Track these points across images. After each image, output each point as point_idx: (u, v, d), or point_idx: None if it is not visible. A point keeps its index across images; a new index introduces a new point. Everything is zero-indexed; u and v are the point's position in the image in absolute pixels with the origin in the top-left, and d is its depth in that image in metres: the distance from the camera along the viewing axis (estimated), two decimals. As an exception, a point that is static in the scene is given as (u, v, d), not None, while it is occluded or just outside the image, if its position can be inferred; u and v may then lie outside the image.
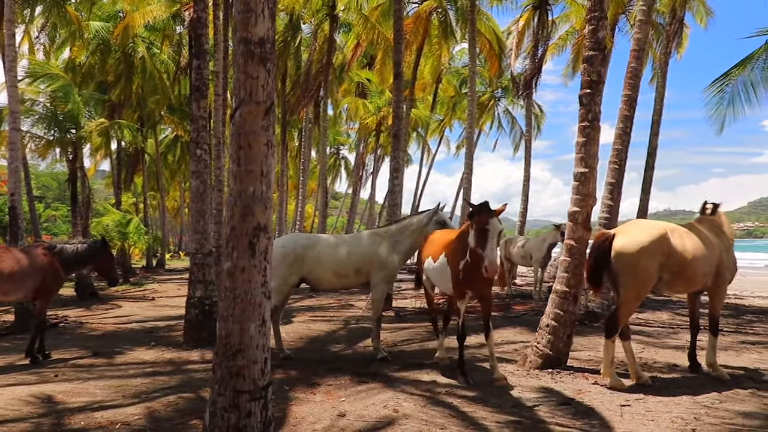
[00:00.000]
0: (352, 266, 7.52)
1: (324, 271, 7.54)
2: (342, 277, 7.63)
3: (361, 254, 7.58)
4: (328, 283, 7.66)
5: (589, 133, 7.04)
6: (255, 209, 3.18)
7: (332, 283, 7.72)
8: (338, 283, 7.76)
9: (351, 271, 7.54)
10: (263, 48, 3.18)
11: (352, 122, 37.17)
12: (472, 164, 17.99)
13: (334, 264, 7.53)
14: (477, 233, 5.74)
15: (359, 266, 7.54)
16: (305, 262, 7.48)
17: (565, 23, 23.43)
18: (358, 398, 5.74)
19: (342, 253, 7.58)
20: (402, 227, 7.82)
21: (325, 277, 7.56)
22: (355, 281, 7.77)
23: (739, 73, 11.51)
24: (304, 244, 7.56)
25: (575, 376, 6.56)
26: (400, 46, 13.31)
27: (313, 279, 7.58)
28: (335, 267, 7.53)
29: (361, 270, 7.56)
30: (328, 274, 7.56)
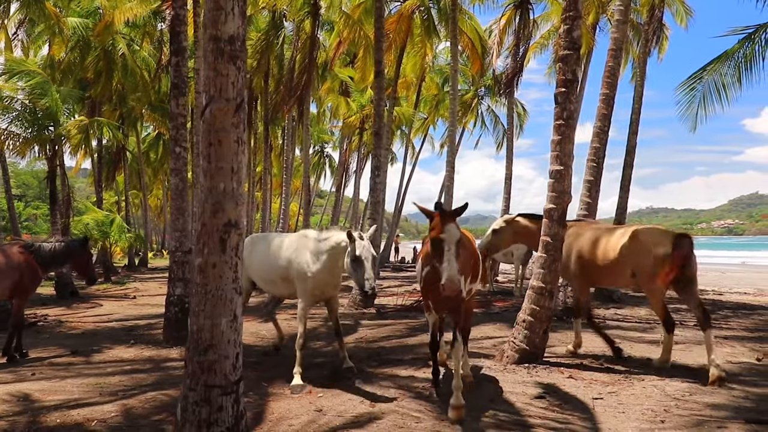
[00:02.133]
0: (277, 273, 6.63)
1: (257, 277, 7.05)
2: (272, 284, 6.92)
3: (284, 259, 6.54)
4: (269, 290, 7.10)
5: (564, 132, 7.13)
6: (226, 206, 3.21)
7: (271, 291, 7.15)
8: (276, 291, 7.06)
9: (278, 279, 6.65)
10: (233, 46, 3.21)
11: (336, 120, 37.19)
12: (455, 163, 18.09)
13: (262, 269, 6.91)
14: (432, 244, 4.77)
15: (284, 274, 6.53)
16: (249, 264, 6.94)
17: (547, 22, 23.59)
18: (336, 394, 5.79)
19: (271, 257, 6.70)
20: (328, 240, 6.22)
21: (261, 283, 7.04)
22: (285, 291, 6.84)
23: (711, 72, 11.69)
24: (248, 243, 7.01)
25: (551, 371, 6.66)
26: (381, 45, 13.35)
27: (258, 284, 7.12)
28: (263, 272, 6.91)
29: (287, 278, 6.53)
30: (260, 281, 7.06)
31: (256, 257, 6.94)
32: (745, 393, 5.71)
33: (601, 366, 6.94)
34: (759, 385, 6.01)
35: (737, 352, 7.92)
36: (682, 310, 12.91)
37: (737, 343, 8.51)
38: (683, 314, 12.12)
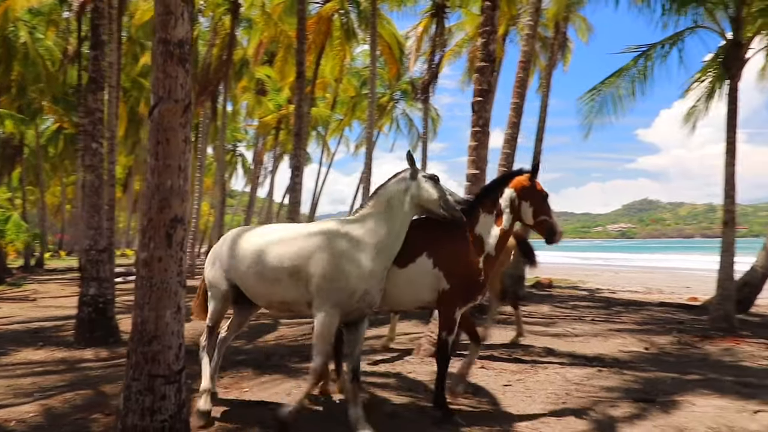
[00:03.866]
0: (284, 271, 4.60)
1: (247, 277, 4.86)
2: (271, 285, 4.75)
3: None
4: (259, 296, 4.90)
5: (480, 138, 7.64)
6: (172, 202, 3.34)
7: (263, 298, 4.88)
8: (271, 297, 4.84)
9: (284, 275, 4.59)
10: (182, 49, 3.35)
11: (251, 119, 36.71)
12: (372, 164, 18.48)
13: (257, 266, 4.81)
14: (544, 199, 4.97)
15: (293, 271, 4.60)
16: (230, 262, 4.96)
17: (461, 31, 24.58)
18: (261, 388, 5.93)
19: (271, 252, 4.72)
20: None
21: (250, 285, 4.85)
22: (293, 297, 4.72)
23: (609, 86, 12.77)
24: (230, 238, 5.11)
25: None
26: (303, 46, 13.49)
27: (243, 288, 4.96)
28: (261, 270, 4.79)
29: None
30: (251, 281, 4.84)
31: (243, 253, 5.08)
32: (635, 377, 6.40)
33: (510, 356, 7.49)
34: (646, 370, 6.74)
35: (628, 342, 8.75)
36: (581, 306, 13.96)
37: (628, 335, 9.38)
38: (581, 310, 13.13)
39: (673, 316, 12.41)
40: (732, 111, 11.00)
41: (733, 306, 10.70)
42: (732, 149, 10.91)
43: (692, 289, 20.19)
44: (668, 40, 12.07)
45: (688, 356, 7.80)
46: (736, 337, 9.25)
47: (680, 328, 10.35)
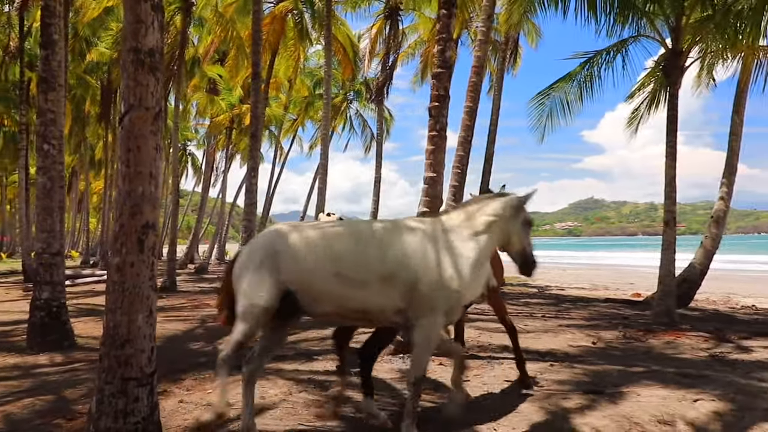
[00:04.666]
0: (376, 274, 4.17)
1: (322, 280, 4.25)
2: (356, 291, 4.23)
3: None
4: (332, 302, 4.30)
5: (437, 142, 7.86)
6: (144, 208, 3.40)
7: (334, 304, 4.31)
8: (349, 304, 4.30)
9: (375, 279, 4.17)
10: (153, 58, 3.41)
11: (201, 118, 36.16)
12: (327, 164, 18.55)
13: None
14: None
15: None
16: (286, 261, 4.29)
17: (414, 33, 24.92)
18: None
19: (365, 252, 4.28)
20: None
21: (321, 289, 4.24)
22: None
23: (557, 90, 13.28)
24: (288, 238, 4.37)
25: (424, 360, 7.33)
26: (258, 47, 13.47)
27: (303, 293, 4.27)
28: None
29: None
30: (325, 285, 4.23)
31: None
32: (584, 370, 6.74)
33: (467, 353, 7.73)
34: (594, 364, 7.10)
35: (577, 337, 9.14)
36: (532, 303, 14.42)
37: (576, 330, 9.80)
38: (533, 307, 13.57)
39: (618, 311, 12.99)
40: (672, 116, 11.60)
41: (673, 301, 11.30)
42: (672, 153, 11.51)
43: (636, 285, 21.11)
44: (613, 48, 12.63)
45: (633, 350, 8.23)
46: (677, 331, 9.79)
47: (625, 323, 10.86)
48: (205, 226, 45.56)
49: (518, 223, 4.60)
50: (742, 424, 4.75)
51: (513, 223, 4.59)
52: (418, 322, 4.16)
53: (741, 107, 14.39)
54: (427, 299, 4.12)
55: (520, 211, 4.62)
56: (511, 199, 4.64)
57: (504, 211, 4.57)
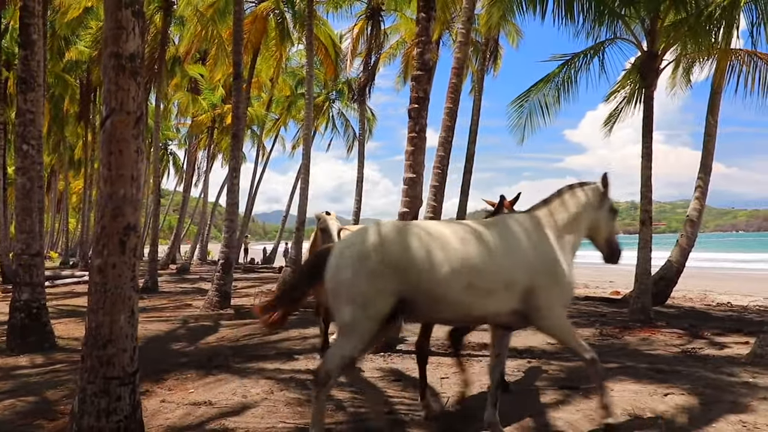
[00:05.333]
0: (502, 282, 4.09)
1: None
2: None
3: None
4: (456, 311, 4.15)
5: (417, 143, 7.98)
6: (125, 210, 3.46)
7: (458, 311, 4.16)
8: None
9: (501, 287, 4.09)
10: (134, 63, 3.47)
11: (183, 117, 35.97)
12: (310, 164, 18.59)
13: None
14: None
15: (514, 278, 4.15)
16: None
17: (396, 34, 25.04)
18: (207, 388, 6.03)
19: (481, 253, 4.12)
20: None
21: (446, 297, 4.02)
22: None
23: (536, 92, 13.48)
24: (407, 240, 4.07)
25: (404, 358, 7.44)
26: (240, 48, 13.49)
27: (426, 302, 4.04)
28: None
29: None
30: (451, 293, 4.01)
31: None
32: (560, 367, 6.91)
33: (446, 351, 7.86)
34: (571, 360, 7.25)
35: (582, 333, 9.30)
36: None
37: (578, 328, 9.96)
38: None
39: (597, 309, 13.21)
40: (648, 118, 11.83)
41: (650, 299, 11.53)
42: (648, 153, 11.74)
43: (615, 283, 21.41)
44: (590, 50, 12.85)
45: (609, 346, 8.42)
46: (652, 328, 10.01)
47: (603, 320, 11.07)
48: (187, 226, 45.36)
49: (604, 212, 4.70)
50: (708, 417, 4.92)
51: (600, 211, 4.68)
52: (543, 323, 4.27)
53: (715, 108, 14.70)
54: (545, 298, 4.17)
55: (605, 200, 4.70)
56: (597, 188, 4.70)
57: (591, 200, 4.64)
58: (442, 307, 4.04)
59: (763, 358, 7.03)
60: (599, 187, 4.71)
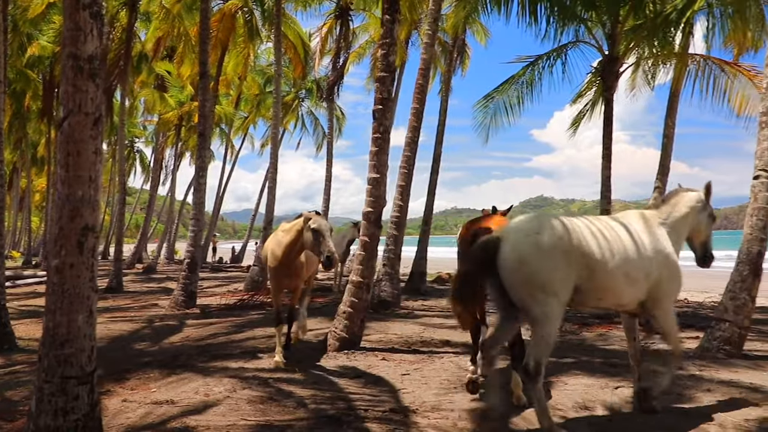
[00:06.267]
0: (644, 271, 4.61)
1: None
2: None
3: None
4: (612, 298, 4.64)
5: (381, 144, 8.09)
6: (83, 211, 3.49)
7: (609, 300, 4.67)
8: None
9: (642, 276, 4.59)
10: (92, 64, 3.50)
11: (150, 115, 35.46)
12: (277, 163, 18.57)
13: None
14: None
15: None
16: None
17: (365, 33, 25.08)
18: (169, 387, 6.04)
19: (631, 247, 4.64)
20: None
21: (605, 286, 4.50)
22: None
23: (501, 93, 13.71)
24: (580, 231, 4.51)
25: (367, 355, 7.56)
26: (206, 47, 13.43)
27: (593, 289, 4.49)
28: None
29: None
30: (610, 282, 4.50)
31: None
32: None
33: (409, 348, 8.01)
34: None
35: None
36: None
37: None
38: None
39: (559, 306, 13.49)
40: (608, 119, 12.14)
41: (608, 296, 11.82)
42: (608, 154, 12.05)
43: (579, 281, 21.83)
44: (553, 53, 13.11)
45: (567, 342, 8.66)
46: (610, 324, 10.30)
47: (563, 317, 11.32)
48: (155, 225, 44.76)
49: (706, 216, 5.22)
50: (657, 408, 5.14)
51: (702, 214, 5.19)
52: (657, 312, 4.77)
53: (673, 111, 15.11)
54: (665, 290, 4.72)
55: (708, 205, 5.23)
56: (700, 195, 5.22)
57: (697, 203, 5.15)
58: (604, 294, 4.56)
59: (710, 352, 7.33)
60: (701, 194, 5.23)
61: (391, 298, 12.32)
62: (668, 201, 5.18)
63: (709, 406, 5.23)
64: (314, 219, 6.57)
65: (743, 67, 13.34)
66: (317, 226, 6.46)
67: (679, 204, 5.11)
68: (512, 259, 4.23)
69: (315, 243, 6.45)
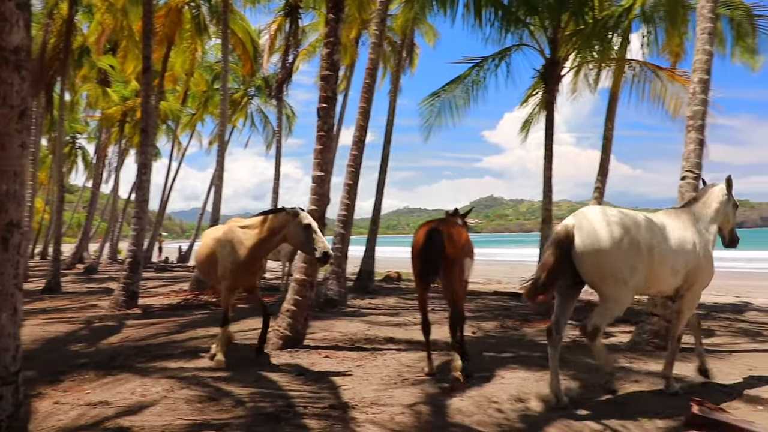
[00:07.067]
0: (682, 262, 5.37)
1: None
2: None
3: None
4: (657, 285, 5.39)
5: (325, 142, 8.11)
6: (8, 206, 3.39)
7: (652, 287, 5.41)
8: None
9: (682, 267, 5.38)
10: (18, 56, 3.40)
11: (92, 110, 34.35)
12: (224, 162, 18.35)
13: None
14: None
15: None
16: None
17: (315, 32, 25.00)
18: (104, 389, 5.91)
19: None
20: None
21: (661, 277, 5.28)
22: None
23: (447, 93, 13.94)
24: (643, 223, 5.25)
25: (310, 353, 7.56)
26: (150, 41, 13.13)
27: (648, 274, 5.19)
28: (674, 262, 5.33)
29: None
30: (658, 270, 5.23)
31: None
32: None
33: (353, 346, 8.06)
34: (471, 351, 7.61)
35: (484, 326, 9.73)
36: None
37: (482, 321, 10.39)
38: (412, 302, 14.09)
39: (503, 303, 13.82)
40: (549, 122, 12.51)
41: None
42: (549, 155, 12.41)
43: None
44: (498, 55, 13.41)
45: (507, 338, 8.89)
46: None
47: (506, 314, 11.61)
48: (97, 223, 43.40)
49: (731, 206, 5.91)
50: (585, 397, 5.36)
51: (728, 205, 5.88)
52: (688, 293, 5.49)
53: (612, 114, 15.66)
54: (698, 279, 5.44)
55: (731, 197, 5.92)
56: (723, 188, 5.90)
57: (723, 197, 5.84)
58: (656, 282, 5.26)
59: (640, 345, 7.66)
60: (724, 188, 5.91)
61: (338, 296, 12.34)
62: (699, 199, 5.87)
63: (635, 395, 5.48)
64: (304, 215, 6.41)
65: (677, 73, 13.95)
66: (310, 221, 6.35)
67: (709, 200, 5.81)
68: (587, 247, 4.92)
69: (306, 240, 6.29)
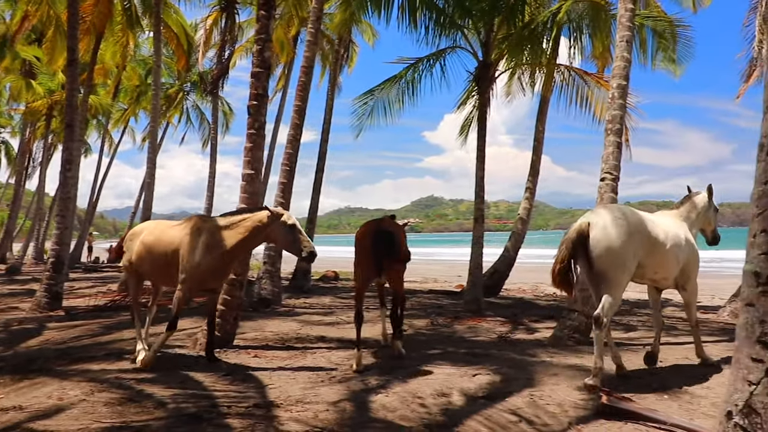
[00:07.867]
0: (674, 255, 6.19)
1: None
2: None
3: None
4: (661, 272, 6.29)
5: (255, 140, 8.03)
6: None
7: (655, 273, 6.26)
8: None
9: (679, 259, 6.30)
10: None
11: (16, 103, 32.71)
12: (156, 159, 17.85)
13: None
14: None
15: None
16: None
17: (252, 28, 24.63)
18: (19, 393, 5.67)
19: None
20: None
21: (654, 262, 6.10)
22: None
23: (383, 92, 14.04)
24: (643, 219, 6.00)
25: (239, 353, 7.47)
26: (76, 32, 12.63)
27: (650, 267, 6.07)
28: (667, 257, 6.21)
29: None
30: (658, 259, 6.10)
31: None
32: (389, 355, 7.31)
33: (283, 345, 8.02)
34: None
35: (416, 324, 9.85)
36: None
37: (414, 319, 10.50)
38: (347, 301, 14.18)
39: (437, 301, 14.05)
40: (482, 123, 12.80)
41: (481, 291, 12.49)
42: (482, 156, 12.70)
43: (463, 277, 22.57)
44: (432, 56, 13.60)
45: (438, 335, 9.04)
46: (480, 317, 10.88)
47: (439, 311, 11.81)
48: (21, 222, 41.36)
49: (712, 210, 6.83)
50: (506, 390, 5.53)
51: (710, 210, 6.80)
52: (688, 286, 6.40)
53: (543, 116, 16.20)
54: (690, 272, 6.35)
55: (712, 203, 6.80)
56: (705, 196, 6.78)
57: (706, 203, 6.75)
58: (656, 271, 6.07)
59: (561, 340, 7.96)
60: (708, 194, 6.79)
61: (272, 296, 12.23)
62: (685, 204, 6.75)
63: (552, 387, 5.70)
64: (288, 215, 6.44)
65: (603, 79, 14.52)
66: (294, 221, 6.43)
67: (693, 206, 6.71)
68: (602, 242, 5.53)
69: (292, 240, 6.36)
